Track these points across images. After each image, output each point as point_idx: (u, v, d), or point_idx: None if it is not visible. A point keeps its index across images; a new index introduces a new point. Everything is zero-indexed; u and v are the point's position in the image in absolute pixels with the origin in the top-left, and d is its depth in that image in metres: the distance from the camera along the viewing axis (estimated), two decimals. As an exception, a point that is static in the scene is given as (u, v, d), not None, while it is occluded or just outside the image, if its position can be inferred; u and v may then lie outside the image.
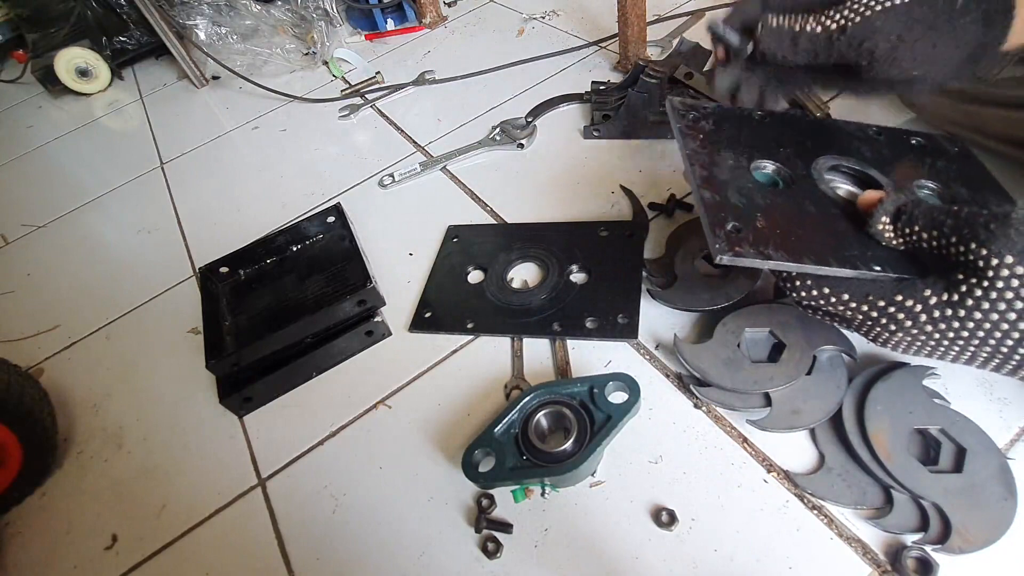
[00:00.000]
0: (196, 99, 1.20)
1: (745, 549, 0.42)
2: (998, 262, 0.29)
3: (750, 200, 0.39)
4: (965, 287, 0.30)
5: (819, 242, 0.37)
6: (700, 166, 0.41)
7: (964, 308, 0.30)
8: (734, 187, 0.40)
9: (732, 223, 0.37)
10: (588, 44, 0.99)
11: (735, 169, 0.42)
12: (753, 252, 0.35)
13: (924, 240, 0.33)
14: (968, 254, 0.30)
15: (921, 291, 0.32)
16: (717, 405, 0.49)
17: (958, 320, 0.31)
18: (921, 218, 0.33)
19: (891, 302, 0.34)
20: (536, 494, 0.47)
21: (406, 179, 0.81)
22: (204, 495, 0.54)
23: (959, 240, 0.31)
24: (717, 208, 0.38)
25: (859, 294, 0.35)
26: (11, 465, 0.56)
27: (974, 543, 0.38)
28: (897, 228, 0.35)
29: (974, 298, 0.30)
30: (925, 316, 0.32)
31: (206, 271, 0.68)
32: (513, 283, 0.63)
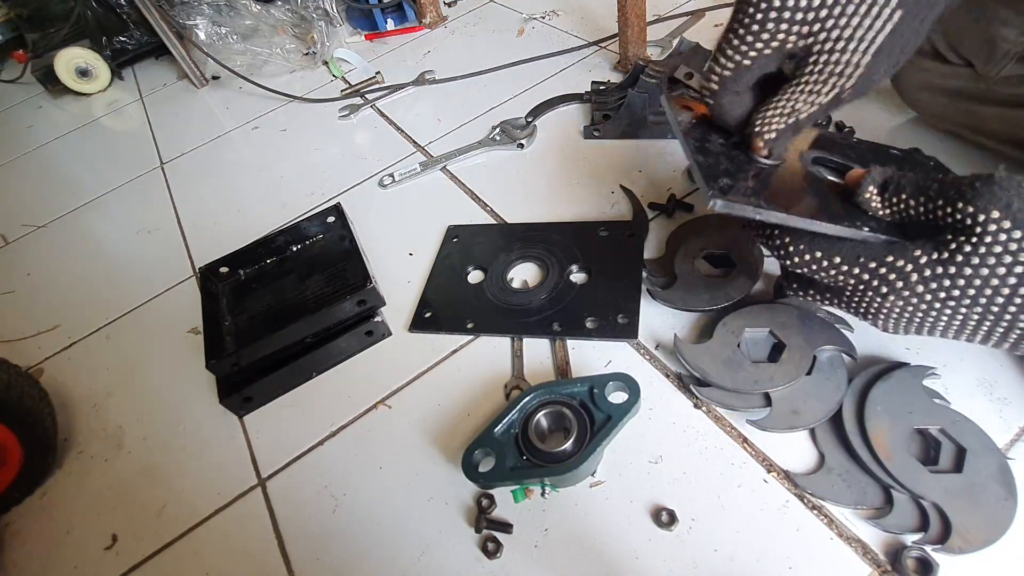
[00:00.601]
0: (196, 99, 1.20)
1: (745, 549, 0.42)
2: (985, 217, 0.29)
3: (742, 168, 0.40)
4: (955, 244, 0.31)
5: (811, 202, 0.38)
6: (694, 139, 0.42)
7: (954, 265, 0.31)
8: (727, 158, 0.41)
9: (725, 180, 0.38)
10: (588, 44, 0.99)
11: (726, 146, 0.43)
12: (744, 200, 0.36)
13: (911, 207, 0.33)
14: (956, 214, 0.30)
15: (911, 251, 0.33)
16: (717, 405, 0.49)
17: (949, 278, 0.31)
18: (908, 186, 0.34)
19: (882, 263, 0.34)
20: (536, 494, 0.47)
21: (406, 179, 0.81)
22: (204, 495, 0.54)
23: (946, 202, 0.31)
24: (711, 167, 0.39)
25: (851, 256, 0.35)
26: (11, 465, 0.56)
27: (974, 543, 0.38)
28: (884, 198, 0.35)
29: (963, 254, 0.30)
30: (916, 275, 0.32)
31: (206, 271, 0.68)
32: (513, 283, 0.63)
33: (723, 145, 0.43)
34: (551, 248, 0.64)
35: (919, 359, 0.47)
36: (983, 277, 0.30)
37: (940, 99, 0.61)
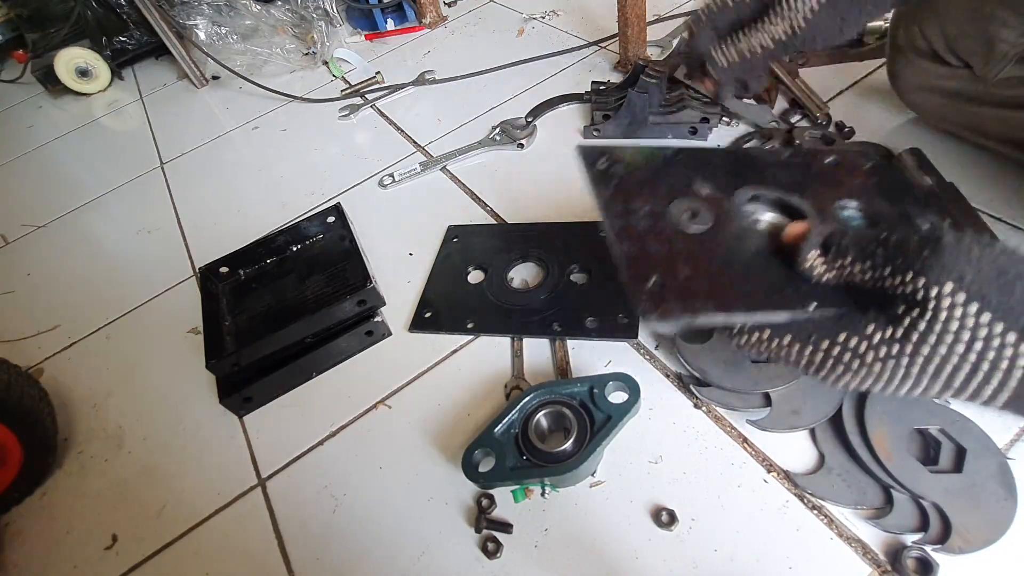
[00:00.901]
0: (196, 99, 1.20)
1: (745, 549, 0.42)
2: (938, 291, 0.27)
3: (671, 247, 0.37)
4: (909, 319, 0.29)
5: (749, 285, 0.35)
6: (615, 216, 0.39)
7: (911, 343, 0.29)
8: (653, 235, 0.38)
9: (654, 278, 0.34)
10: (588, 44, 0.99)
11: (652, 216, 0.40)
12: (680, 309, 0.33)
13: (857, 273, 0.32)
14: (907, 285, 0.29)
15: (864, 328, 0.31)
16: (717, 405, 0.49)
17: (906, 356, 0.29)
18: (851, 249, 0.32)
19: (835, 342, 0.32)
20: (536, 494, 0.47)
21: (406, 179, 0.81)
22: (204, 495, 0.54)
23: (894, 271, 0.29)
24: (637, 262, 0.36)
25: (802, 335, 0.34)
26: (11, 465, 0.56)
27: (974, 543, 0.38)
28: (827, 261, 0.33)
29: (919, 331, 0.28)
30: (872, 354, 0.31)
31: (206, 271, 0.68)
32: (513, 283, 0.63)
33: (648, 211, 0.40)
34: (551, 248, 0.64)
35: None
36: (942, 355, 0.28)
37: (939, 100, 0.61)
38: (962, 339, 0.28)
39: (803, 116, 0.72)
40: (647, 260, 0.36)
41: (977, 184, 0.58)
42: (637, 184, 0.42)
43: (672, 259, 0.36)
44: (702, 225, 0.39)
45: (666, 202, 0.41)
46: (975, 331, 0.27)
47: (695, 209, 0.40)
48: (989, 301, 0.27)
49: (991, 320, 0.27)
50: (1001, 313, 0.27)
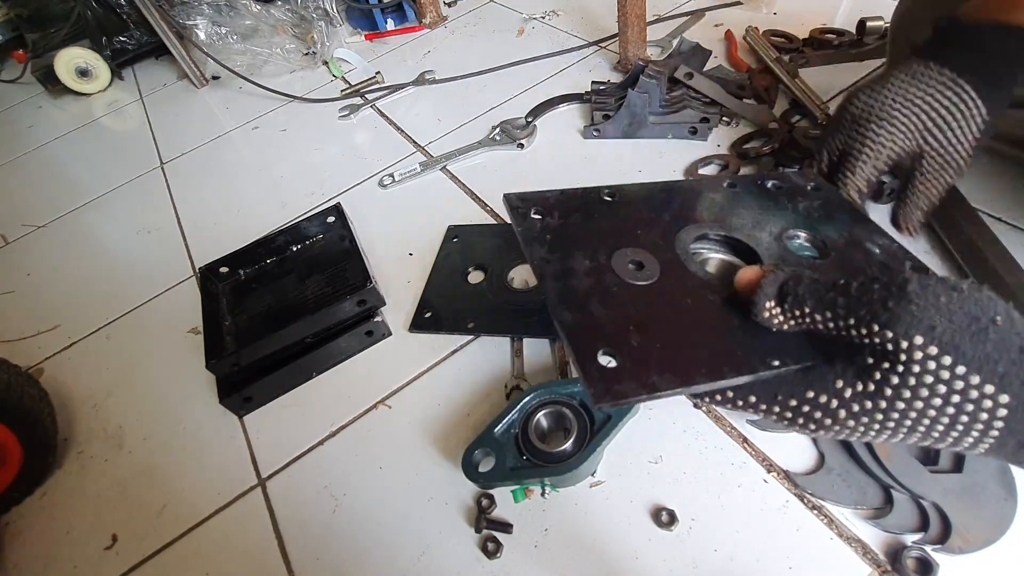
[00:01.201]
0: (196, 99, 1.20)
1: (745, 549, 0.42)
2: (908, 344, 0.26)
3: (618, 310, 0.34)
4: (879, 374, 0.27)
5: (707, 347, 0.32)
6: (552, 277, 0.35)
7: (884, 398, 0.27)
8: (597, 297, 0.34)
9: (603, 351, 0.31)
10: (588, 44, 0.99)
11: (594, 271, 0.36)
12: (635, 386, 0.30)
13: (818, 322, 0.30)
14: (872, 336, 0.27)
15: (832, 383, 0.29)
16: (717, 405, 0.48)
17: (880, 411, 0.28)
18: (809, 298, 0.30)
19: (803, 400, 0.30)
20: (536, 494, 0.47)
21: (406, 179, 0.81)
22: (204, 495, 0.54)
23: (857, 322, 0.28)
24: (583, 334, 0.32)
25: (766, 396, 0.31)
26: (11, 465, 0.56)
27: (974, 543, 0.38)
28: (784, 311, 0.31)
29: (893, 387, 0.27)
30: (844, 412, 0.29)
31: (206, 271, 0.68)
32: (513, 283, 0.63)
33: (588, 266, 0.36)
34: (551, 248, 0.64)
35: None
36: (918, 409, 0.27)
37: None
38: (938, 393, 0.26)
39: (803, 116, 0.73)
40: (593, 329, 0.33)
41: (977, 184, 0.58)
42: (574, 235, 0.39)
43: (621, 324, 0.33)
44: (649, 278, 0.36)
45: (608, 254, 0.37)
46: (951, 384, 0.26)
47: (640, 260, 0.37)
48: (963, 352, 0.25)
49: (966, 372, 0.25)
50: (977, 364, 0.25)
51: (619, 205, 0.43)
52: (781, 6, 0.95)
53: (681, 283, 0.36)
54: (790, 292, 0.31)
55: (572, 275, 0.36)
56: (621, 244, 0.39)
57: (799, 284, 0.31)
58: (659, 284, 0.36)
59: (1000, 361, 0.25)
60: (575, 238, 0.39)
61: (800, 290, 0.30)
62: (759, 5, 0.96)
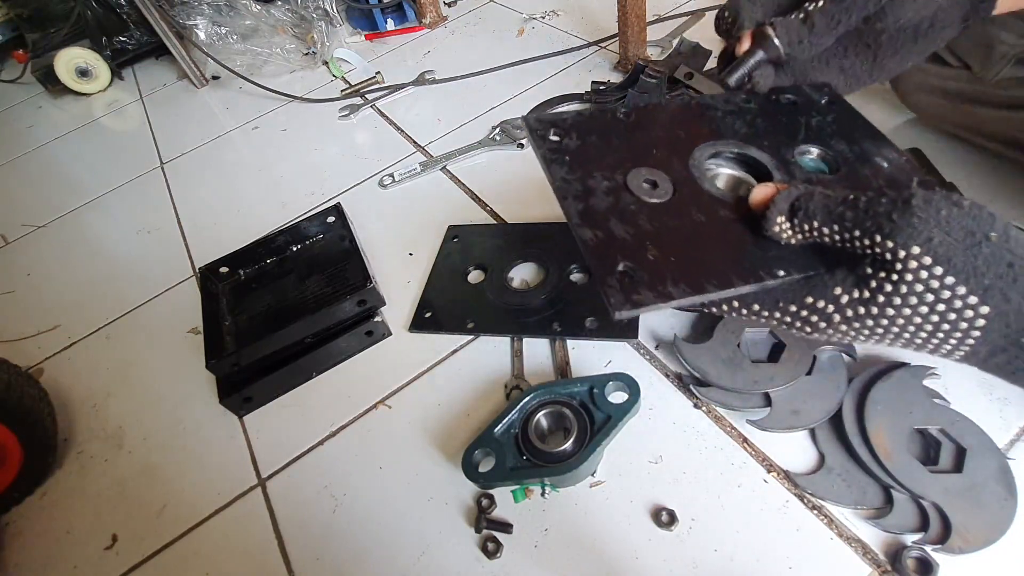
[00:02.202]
0: (196, 99, 1.20)
1: (745, 549, 0.42)
2: (905, 254, 0.28)
3: (635, 227, 0.35)
4: (875, 282, 0.30)
5: (718, 259, 0.34)
6: (573, 198, 0.37)
7: (876, 305, 0.30)
8: (615, 215, 0.36)
9: (623, 264, 0.33)
10: (588, 44, 0.99)
11: (612, 191, 0.38)
12: (652, 295, 0.32)
13: (825, 235, 0.32)
14: (875, 247, 0.29)
15: (831, 290, 0.32)
16: (717, 405, 0.49)
17: (871, 317, 0.30)
18: (819, 212, 0.32)
19: (802, 305, 0.33)
20: (536, 494, 0.47)
21: (406, 179, 0.81)
22: (204, 495, 0.54)
23: (863, 233, 0.30)
24: (602, 250, 0.34)
25: (769, 302, 0.34)
26: (11, 465, 0.56)
27: (974, 543, 0.38)
28: (794, 226, 0.33)
29: (885, 294, 0.29)
30: (839, 316, 0.31)
31: (206, 271, 0.68)
32: (513, 283, 0.63)
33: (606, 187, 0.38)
34: (551, 248, 0.64)
35: (919, 359, 0.47)
36: (906, 316, 0.29)
37: (938, 100, 0.61)
38: (926, 301, 0.28)
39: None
40: (612, 245, 0.34)
41: (977, 184, 0.58)
42: (592, 155, 0.40)
43: (638, 240, 0.35)
44: (663, 195, 0.37)
45: (623, 174, 0.39)
46: (938, 293, 0.28)
47: (654, 179, 0.38)
48: (954, 264, 0.27)
49: (955, 283, 0.27)
50: (965, 276, 0.27)
51: (635, 124, 0.44)
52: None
53: (694, 200, 0.38)
54: (801, 207, 0.32)
55: (591, 194, 0.38)
56: (637, 163, 0.40)
57: (810, 200, 0.32)
58: (673, 201, 0.38)
59: (987, 274, 0.27)
60: (593, 159, 0.40)
61: (811, 206, 0.32)
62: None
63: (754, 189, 0.36)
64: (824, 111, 0.46)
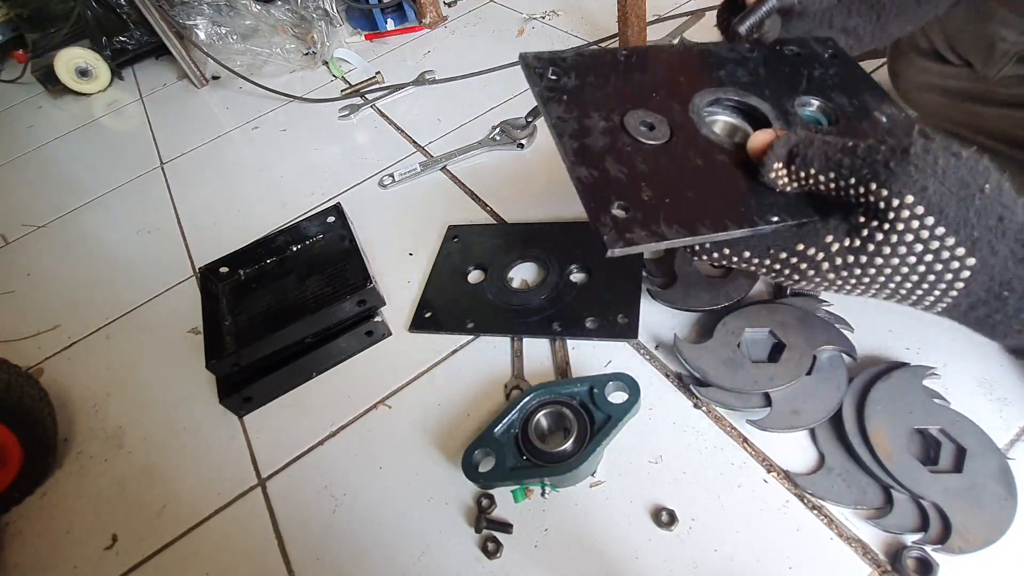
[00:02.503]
0: (196, 99, 1.20)
1: (745, 549, 0.42)
2: (899, 203, 0.28)
3: (631, 167, 0.35)
4: (866, 231, 0.29)
5: (713, 202, 0.34)
6: (569, 136, 0.37)
7: (866, 254, 0.30)
8: (612, 155, 0.36)
9: (617, 204, 0.33)
10: (588, 44, 0.99)
11: (609, 131, 0.37)
12: (646, 235, 0.32)
13: (821, 183, 0.32)
14: (869, 195, 0.29)
15: (823, 238, 0.31)
16: (717, 405, 0.49)
17: (859, 266, 0.30)
18: (816, 159, 0.31)
19: (792, 252, 0.33)
20: (536, 494, 0.47)
21: (406, 179, 0.81)
22: (204, 495, 0.54)
23: (859, 181, 0.29)
24: (597, 188, 0.34)
25: (760, 249, 0.34)
26: (11, 465, 0.56)
27: (974, 543, 0.38)
28: (791, 172, 0.33)
29: (876, 243, 0.29)
30: (828, 264, 0.31)
31: (206, 271, 0.68)
32: (513, 283, 0.63)
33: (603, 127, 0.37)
34: (551, 248, 0.64)
35: (919, 359, 0.47)
36: (893, 265, 0.29)
37: (940, 99, 0.61)
38: (914, 251, 0.28)
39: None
40: (608, 184, 0.34)
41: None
42: (590, 96, 0.40)
43: (633, 181, 0.34)
44: (660, 138, 0.37)
45: (621, 115, 0.38)
46: (927, 243, 0.28)
47: (651, 121, 0.38)
48: (946, 215, 0.27)
49: (944, 234, 0.27)
50: (955, 227, 0.27)
51: (635, 67, 0.43)
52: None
53: (691, 144, 0.38)
54: (798, 154, 0.32)
55: (587, 134, 0.37)
56: (635, 105, 0.39)
57: (808, 147, 0.32)
58: (670, 144, 0.37)
59: (977, 226, 0.27)
60: (590, 99, 0.40)
61: (808, 152, 0.32)
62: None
63: (753, 135, 0.35)
64: (827, 64, 0.46)
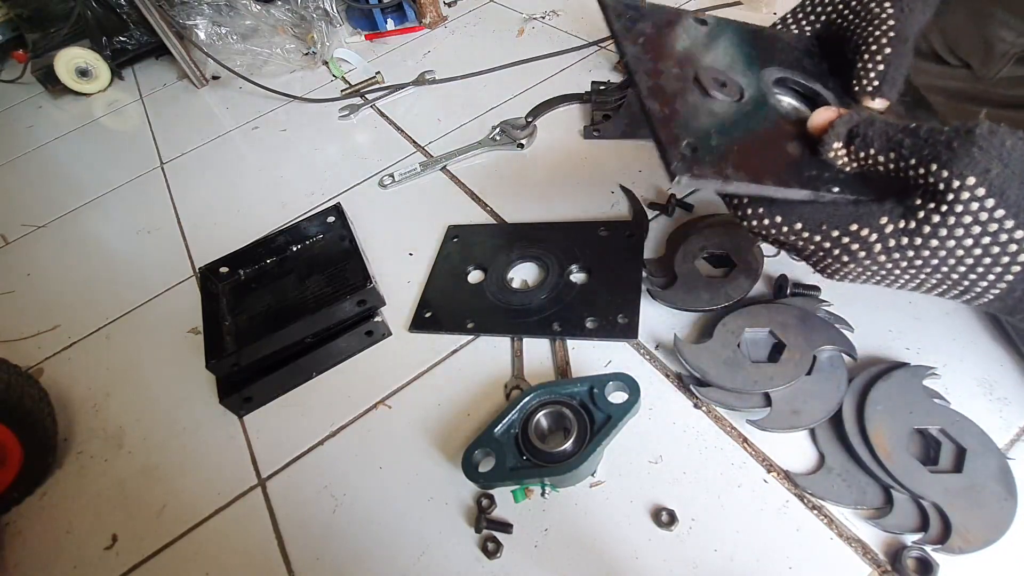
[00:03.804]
0: (196, 99, 1.20)
1: (745, 549, 0.42)
2: (959, 184, 0.27)
3: (702, 115, 0.35)
4: (923, 212, 0.29)
5: (776, 165, 0.34)
6: (645, 73, 0.36)
7: (921, 236, 0.29)
8: (683, 100, 0.36)
9: (687, 140, 0.33)
10: (588, 44, 0.99)
11: (681, 79, 0.37)
12: (712, 172, 0.32)
13: (880, 163, 0.31)
14: (929, 176, 0.28)
15: (877, 219, 0.31)
16: (717, 405, 0.49)
17: (913, 249, 0.30)
18: (876, 139, 0.31)
19: (845, 231, 0.32)
20: (536, 494, 0.47)
21: (406, 179, 0.81)
22: (204, 495, 0.54)
23: (919, 162, 0.29)
24: (669, 121, 0.34)
25: (813, 222, 0.33)
26: (11, 465, 0.56)
27: (974, 543, 0.38)
28: (851, 152, 0.32)
29: (932, 224, 0.28)
30: (880, 246, 0.31)
31: (206, 271, 0.68)
32: (513, 283, 0.63)
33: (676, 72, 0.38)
34: (551, 248, 0.64)
35: (919, 359, 0.47)
36: (948, 248, 0.28)
37: (938, 100, 0.61)
38: (972, 233, 0.28)
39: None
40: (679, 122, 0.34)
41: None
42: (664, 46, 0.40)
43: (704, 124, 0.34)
44: (730, 96, 0.37)
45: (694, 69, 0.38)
46: (986, 226, 0.27)
47: (723, 80, 0.38)
48: (1007, 197, 0.27)
49: (1004, 216, 0.27)
50: (1015, 210, 0.27)
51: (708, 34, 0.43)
52: (781, 6, 0.95)
53: (759, 109, 0.38)
54: (859, 134, 0.32)
55: (660, 76, 0.37)
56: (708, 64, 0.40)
57: (870, 126, 0.31)
58: (740, 103, 0.38)
59: None
60: (665, 49, 0.40)
61: (870, 132, 0.31)
62: (759, 5, 0.96)
63: (815, 112, 0.35)
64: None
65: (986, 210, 0.27)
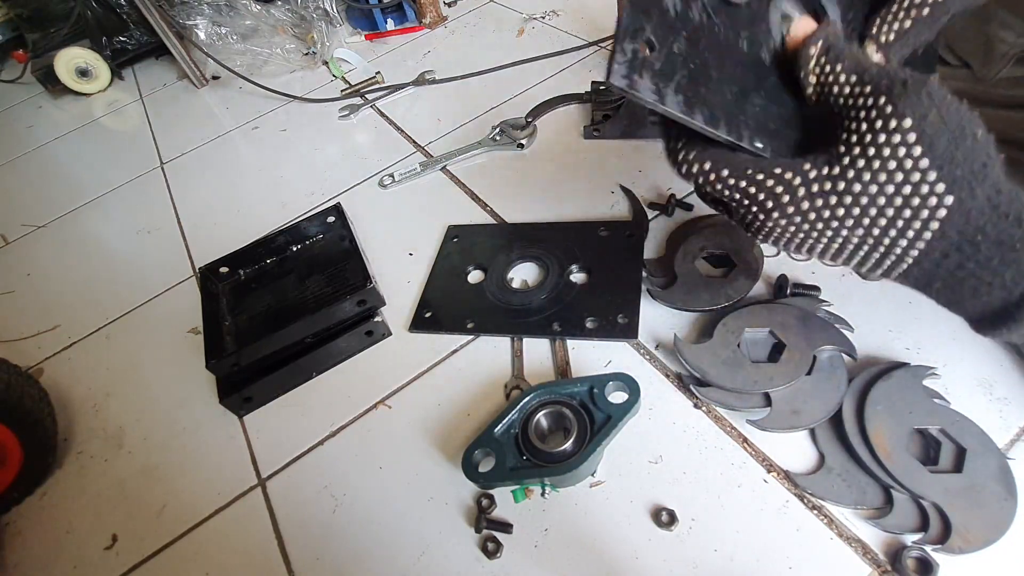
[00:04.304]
0: (196, 99, 1.20)
1: (745, 549, 0.42)
2: (896, 124, 0.28)
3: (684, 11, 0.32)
4: (848, 159, 0.29)
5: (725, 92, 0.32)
6: None
7: (843, 180, 0.29)
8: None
9: (648, 36, 0.30)
10: (588, 44, 0.99)
11: None
12: (651, 89, 0.29)
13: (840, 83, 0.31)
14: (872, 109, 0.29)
15: (801, 164, 0.31)
16: (717, 405, 0.49)
17: (835, 194, 0.30)
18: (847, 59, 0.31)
19: (770, 174, 0.32)
20: (536, 494, 0.47)
21: (406, 179, 0.81)
22: (204, 495, 0.54)
23: (873, 90, 0.29)
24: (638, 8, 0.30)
25: (739, 169, 0.33)
26: (11, 465, 0.56)
27: (974, 543, 0.38)
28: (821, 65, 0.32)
29: (856, 169, 0.29)
30: (803, 190, 0.31)
31: (206, 271, 0.68)
32: (513, 283, 0.63)
33: None
34: (551, 248, 0.64)
35: (919, 359, 0.47)
36: (870, 195, 0.29)
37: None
38: (894, 180, 0.28)
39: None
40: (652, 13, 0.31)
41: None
42: None
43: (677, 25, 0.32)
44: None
45: None
46: (908, 174, 0.28)
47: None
48: (934, 148, 0.27)
49: (928, 167, 0.27)
50: (939, 162, 0.27)
51: None
52: (781, 6, 0.94)
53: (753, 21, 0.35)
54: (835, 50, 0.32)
55: None
56: None
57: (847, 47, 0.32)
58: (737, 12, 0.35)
59: (962, 165, 0.27)
60: None
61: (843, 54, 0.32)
62: (759, 5, 0.96)
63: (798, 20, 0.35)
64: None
65: (912, 157, 0.27)
